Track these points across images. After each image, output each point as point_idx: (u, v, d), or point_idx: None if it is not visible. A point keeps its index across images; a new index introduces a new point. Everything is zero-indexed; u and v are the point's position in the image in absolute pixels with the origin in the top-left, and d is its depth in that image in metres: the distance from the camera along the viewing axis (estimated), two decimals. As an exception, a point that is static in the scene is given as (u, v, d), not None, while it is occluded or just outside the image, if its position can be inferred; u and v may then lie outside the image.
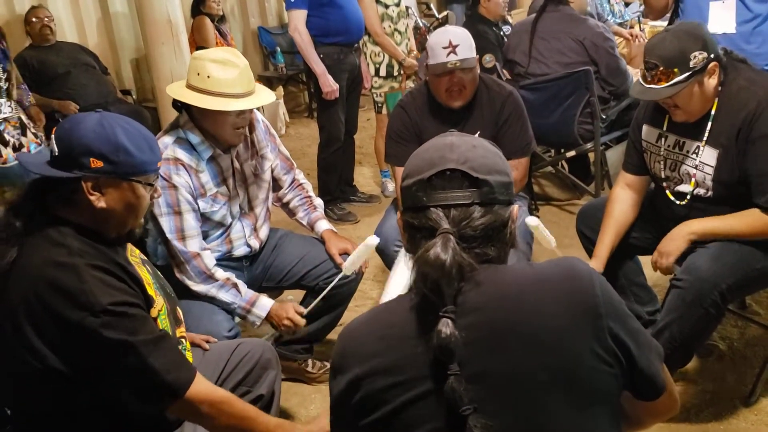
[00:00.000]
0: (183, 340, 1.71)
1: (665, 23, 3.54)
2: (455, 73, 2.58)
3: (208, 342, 1.98)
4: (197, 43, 5.21)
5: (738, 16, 2.91)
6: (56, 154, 1.48)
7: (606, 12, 5.69)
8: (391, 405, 1.08)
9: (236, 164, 2.34)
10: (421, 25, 4.98)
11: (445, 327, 1.02)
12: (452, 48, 2.54)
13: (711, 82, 2.13)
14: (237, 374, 1.87)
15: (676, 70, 2.07)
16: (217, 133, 2.22)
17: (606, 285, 1.12)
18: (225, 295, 2.24)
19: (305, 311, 2.33)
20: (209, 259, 2.25)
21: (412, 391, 1.07)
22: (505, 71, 4.07)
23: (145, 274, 1.60)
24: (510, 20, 4.90)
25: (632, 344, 1.10)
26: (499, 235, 1.14)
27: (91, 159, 1.45)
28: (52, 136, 1.50)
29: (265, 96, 2.26)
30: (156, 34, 3.57)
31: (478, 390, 1.03)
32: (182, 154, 2.19)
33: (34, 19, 4.70)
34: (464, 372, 1.02)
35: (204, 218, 2.27)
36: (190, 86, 2.17)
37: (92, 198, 1.47)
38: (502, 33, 4.58)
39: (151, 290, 1.57)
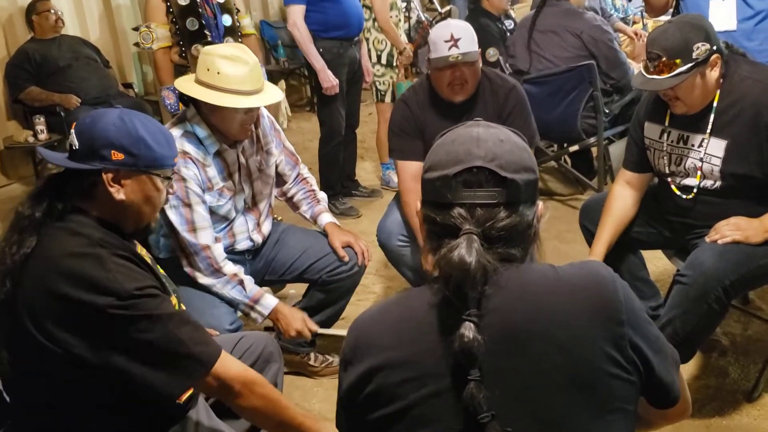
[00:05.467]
0: None
1: (668, 17, 3.53)
2: (457, 66, 2.56)
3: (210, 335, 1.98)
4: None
5: (739, 14, 2.91)
6: (76, 147, 1.50)
7: (609, 7, 5.66)
8: (404, 401, 1.06)
9: (242, 159, 2.33)
10: (423, 19, 4.96)
11: (468, 331, 1.00)
12: (454, 41, 2.52)
13: (713, 74, 2.12)
14: (240, 368, 1.87)
15: (678, 60, 2.07)
16: (224, 129, 2.22)
17: (629, 291, 1.10)
18: (230, 292, 2.25)
19: (319, 330, 2.32)
20: (219, 251, 2.25)
21: (427, 388, 1.05)
22: (508, 65, 4.07)
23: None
24: (513, 14, 4.88)
25: (651, 353, 1.09)
26: (524, 235, 1.11)
27: (113, 151, 1.49)
28: (72, 130, 1.52)
29: (273, 94, 2.26)
30: (158, 27, 3.56)
31: (496, 394, 1.01)
32: (190, 148, 2.19)
33: (46, 12, 4.71)
34: (483, 375, 1.00)
35: (210, 212, 2.27)
36: (199, 81, 2.16)
37: (112, 190, 1.50)
38: (504, 27, 4.57)
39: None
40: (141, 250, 1.65)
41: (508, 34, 4.42)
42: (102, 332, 1.39)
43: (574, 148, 4.03)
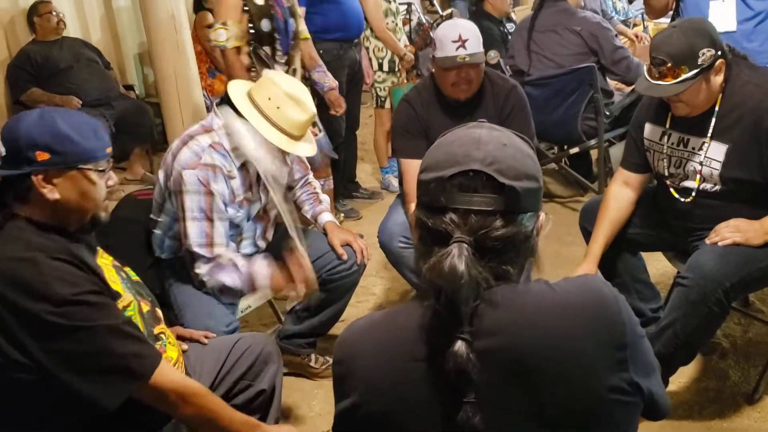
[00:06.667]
0: (162, 336, 1.71)
1: (668, 20, 3.53)
2: (463, 67, 2.58)
3: (207, 337, 1.98)
4: (199, 38, 5.20)
5: (738, 15, 2.91)
6: (3, 154, 1.48)
7: (609, 9, 5.66)
8: (395, 427, 1.02)
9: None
10: (424, 21, 4.96)
11: (462, 350, 0.94)
12: (462, 42, 2.53)
13: (717, 79, 2.12)
14: (238, 369, 1.87)
15: (684, 67, 2.06)
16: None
17: (629, 310, 1.04)
18: (227, 278, 2.19)
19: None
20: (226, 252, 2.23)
21: (418, 416, 1.00)
22: (508, 67, 4.08)
23: (112, 274, 1.61)
24: (514, 17, 4.89)
25: (647, 370, 1.04)
26: (520, 249, 1.02)
27: (37, 152, 1.46)
28: None
29: (309, 147, 2.31)
30: (158, 29, 3.56)
31: (490, 421, 0.96)
32: (219, 160, 2.18)
33: (48, 13, 4.71)
34: (477, 399, 0.95)
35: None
36: (254, 102, 2.18)
37: (44, 191, 1.48)
38: (506, 30, 4.57)
39: (117, 286, 1.58)
40: (102, 255, 1.64)
41: (510, 36, 4.42)
42: (37, 338, 1.39)
43: (575, 150, 4.03)
